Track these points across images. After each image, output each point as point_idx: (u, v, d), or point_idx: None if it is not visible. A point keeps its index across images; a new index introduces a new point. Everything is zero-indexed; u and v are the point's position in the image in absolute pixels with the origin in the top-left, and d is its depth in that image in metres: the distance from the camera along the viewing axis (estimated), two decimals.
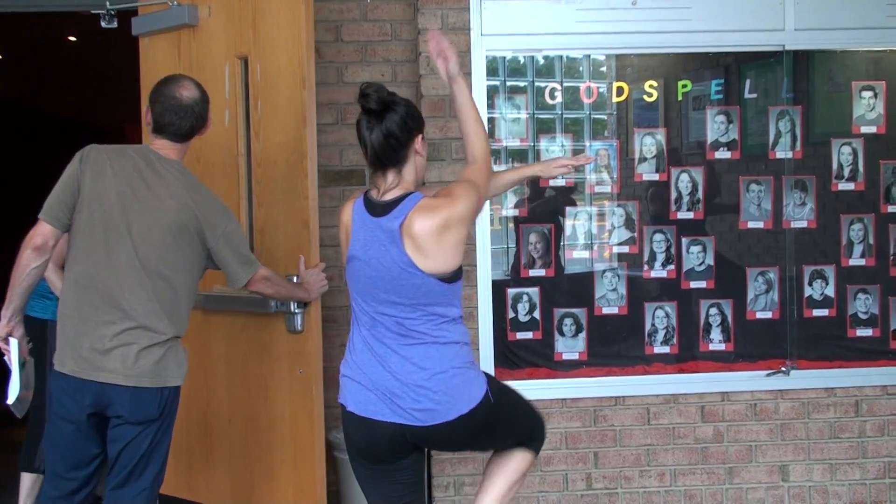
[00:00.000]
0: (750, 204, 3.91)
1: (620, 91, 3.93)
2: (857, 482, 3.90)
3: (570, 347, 3.87)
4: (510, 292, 3.85)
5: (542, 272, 3.86)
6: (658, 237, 3.89)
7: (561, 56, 3.92)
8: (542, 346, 3.86)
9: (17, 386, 2.79)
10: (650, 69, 3.98)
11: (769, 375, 3.87)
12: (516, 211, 3.88)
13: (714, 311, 3.92)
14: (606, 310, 3.89)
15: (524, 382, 3.72)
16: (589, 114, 3.96)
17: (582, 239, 3.93)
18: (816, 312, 3.93)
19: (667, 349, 3.90)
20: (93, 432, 2.66)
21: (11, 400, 2.83)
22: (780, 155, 3.92)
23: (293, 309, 3.12)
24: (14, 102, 8.92)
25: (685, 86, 3.95)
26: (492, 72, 3.78)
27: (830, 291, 3.94)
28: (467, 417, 2.39)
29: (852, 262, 3.96)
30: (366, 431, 2.44)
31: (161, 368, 2.64)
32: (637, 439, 3.83)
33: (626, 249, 3.90)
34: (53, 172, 2.78)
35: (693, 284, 3.90)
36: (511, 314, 3.84)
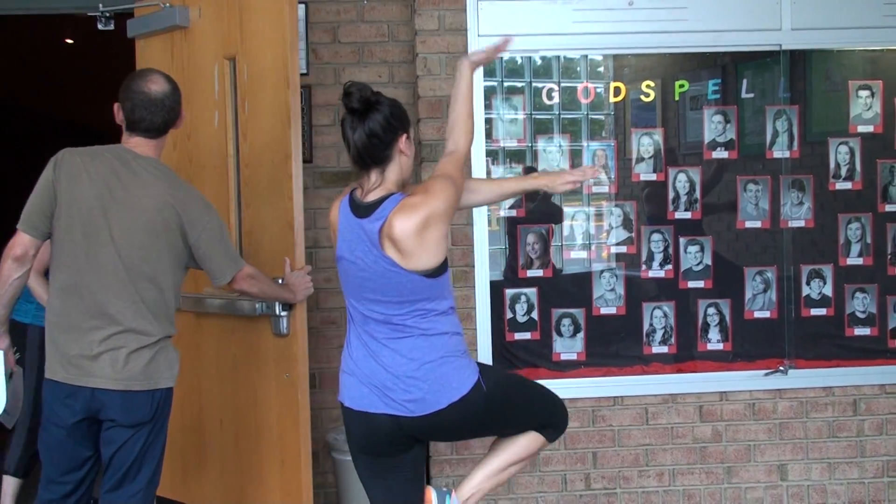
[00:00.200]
0: (747, 203, 3.91)
1: (618, 91, 3.93)
2: (856, 481, 3.90)
3: (569, 348, 3.87)
4: (508, 293, 3.85)
5: (540, 272, 3.86)
6: (656, 237, 3.89)
7: (558, 56, 3.92)
8: (541, 347, 3.86)
9: (4, 398, 2.75)
10: (647, 69, 3.98)
11: (767, 375, 3.87)
12: (514, 211, 3.88)
13: (712, 311, 3.92)
14: (604, 310, 3.89)
15: None
16: (586, 114, 3.96)
17: (580, 239, 3.93)
18: (814, 312, 3.94)
19: (665, 349, 3.90)
20: (85, 435, 2.64)
21: None
22: (778, 154, 3.92)
23: (278, 311, 3.07)
24: (12, 105, 8.92)
25: (682, 86, 3.95)
26: (489, 72, 3.78)
27: (828, 291, 3.95)
28: (459, 405, 2.39)
29: (850, 262, 3.96)
30: (364, 426, 2.45)
31: (151, 371, 2.62)
32: (635, 439, 3.83)
33: (624, 249, 3.90)
34: None
35: (691, 284, 3.90)
36: (509, 315, 3.84)
